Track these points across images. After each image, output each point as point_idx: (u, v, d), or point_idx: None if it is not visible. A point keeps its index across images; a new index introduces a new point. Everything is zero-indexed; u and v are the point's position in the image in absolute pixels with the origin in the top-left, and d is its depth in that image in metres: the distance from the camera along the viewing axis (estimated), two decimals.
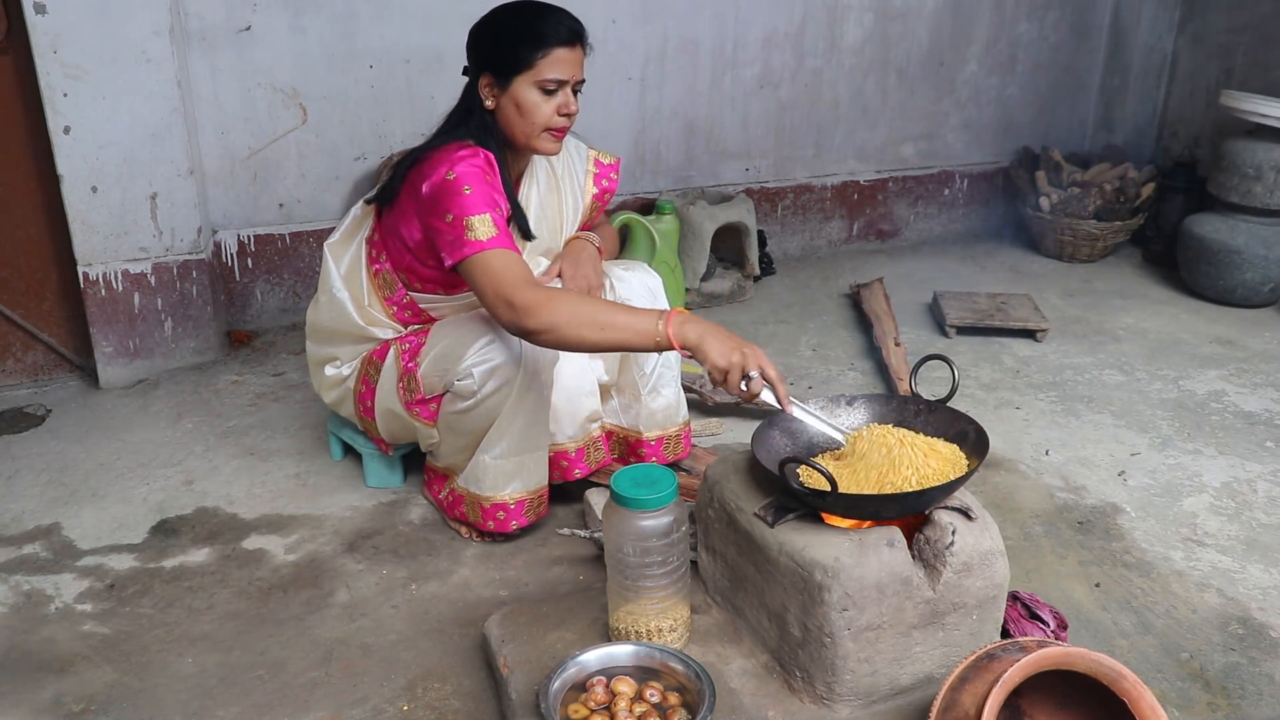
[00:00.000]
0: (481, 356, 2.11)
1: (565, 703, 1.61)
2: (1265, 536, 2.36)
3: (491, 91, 2.14)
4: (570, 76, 2.12)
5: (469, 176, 2.04)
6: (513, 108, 2.13)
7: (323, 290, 2.37)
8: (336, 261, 2.34)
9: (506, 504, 2.24)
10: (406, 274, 2.25)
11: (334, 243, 2.36)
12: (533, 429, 2.21)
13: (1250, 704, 1.84)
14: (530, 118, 2.12)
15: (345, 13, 3.36)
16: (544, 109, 2.11)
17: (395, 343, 2.30)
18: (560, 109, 2.13)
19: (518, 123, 2.14)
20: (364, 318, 2.32)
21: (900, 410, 1.91)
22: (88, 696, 1.88)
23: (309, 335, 2.47)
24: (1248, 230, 3.72)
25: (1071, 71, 4.63)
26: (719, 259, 3.93)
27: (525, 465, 2.24)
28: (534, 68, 2.09)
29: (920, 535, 1.69)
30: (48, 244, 3.09)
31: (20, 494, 2.56)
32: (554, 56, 2.09)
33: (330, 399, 2.48)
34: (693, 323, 1.86)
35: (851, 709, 1.67)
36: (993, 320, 3.50)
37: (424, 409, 2.25)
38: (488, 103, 2.15)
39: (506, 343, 2.10)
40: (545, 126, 2.14)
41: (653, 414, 2.45)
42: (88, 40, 2.85)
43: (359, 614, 2.10)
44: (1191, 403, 3.04)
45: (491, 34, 2.14)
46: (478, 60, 2.17)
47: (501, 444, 2.20)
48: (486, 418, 2.17)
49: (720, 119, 4.06)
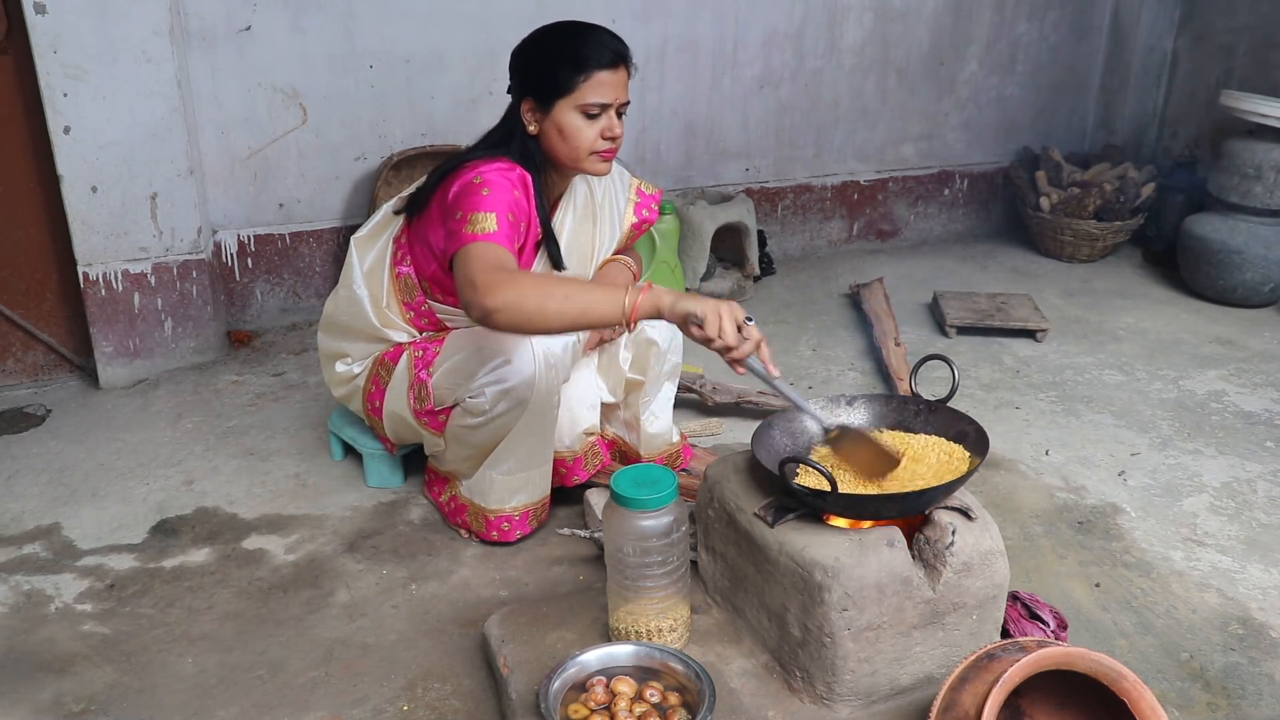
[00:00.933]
0: (495, 376, 2.08)
1: (565, 703, 1.61)
2: (1265, 536, 2.36)
3: (534, 116, 2.11)
4: (614, 100, 2.08)
5: (493, 183, 2.01)
6: (555, 132, 2.09)
7: (343, 284, 2.34)
8: (361, 257, 2.31)
9: (511, 516, 2.27)
10: (430, 283, 2.23)
11: (361, 237, 2.33)
12: (541, 446, 2.23)
13: (1250, 704, 1.84)
14: (573, 142, 2.09)
15: (345, 13, 3.36)
16: (587, 134, 2.08)
17: (409, 348, 2.28)
18: (604, 133, 2.09)
19: (561, 147, 2.11)
20: (380, 319, 2.30)
21: (900, 410, 1.91)
22: (88, 696, 1.88)
23: (322, 326, 2.45)
24: (1248, 230, 3.72)
25: (1071, 71, 4.63)
26: (719, 259, 3.93)
27: (531, 480, 2.26)
28: (576, 92, 2.05)
29: (920, 535, 1.69)
30: (48, 244, 3.09)
31: (20, 494, 2.56)
32: (596, 80, 2.05)
33: (339, 394, 2.48)
34: (665, 291, 1.79)
35: (851, 709, 1.67)
36: (993, 320, 3.50)
37: (432, 419, 2.24)
38: (530, 127, 2.12)
39: (521, 364, 2.07)
40: (590, 150, 2.10)
41: (651, 439, 2.49)
42: (88, 40, 2.85)
43: (359, 614, 2.10)
44: (1191, 403, 3.04)
45: (533, 58, 2.10)
46: (520, 84, 2.13)
47: (509, 461, 2.21)
48: (495, 435, 2.17)
49: (720, 119, 4.06)
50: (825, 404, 1.93)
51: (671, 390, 2.50)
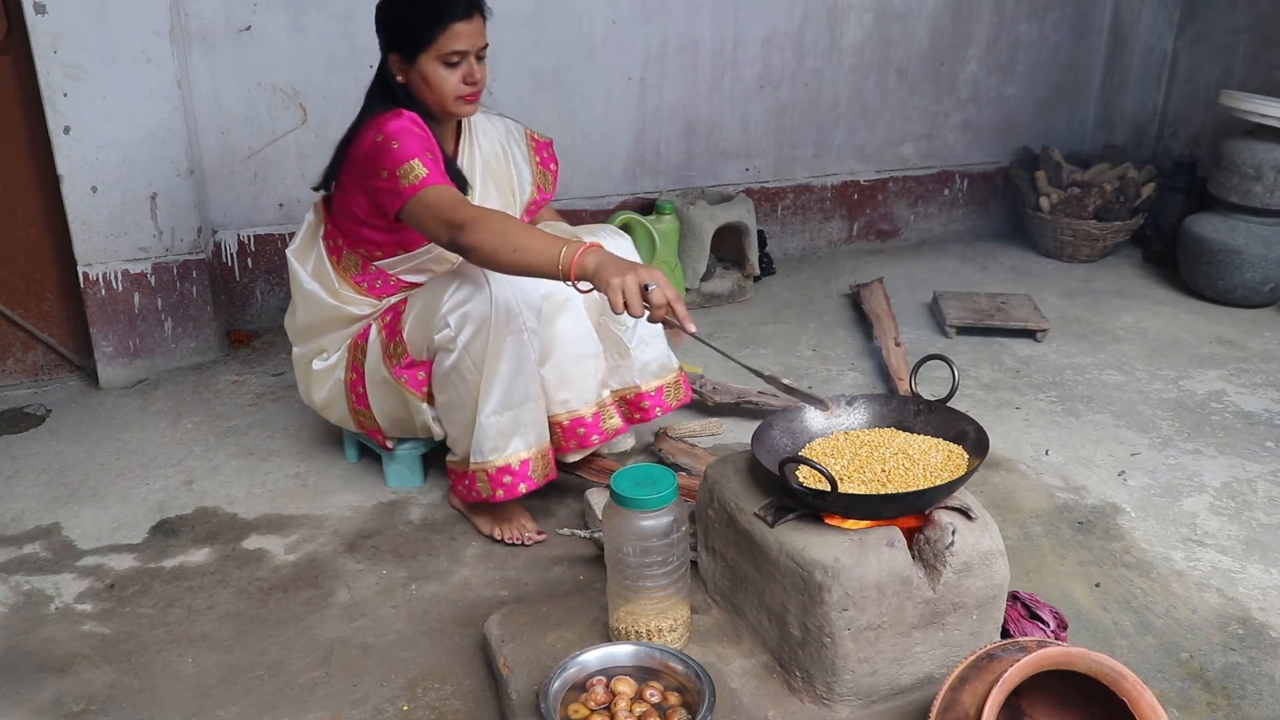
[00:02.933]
0: (453, 303, 2.17)
1: (565, 703, 1.62)
2: (1265, 536, 2.36)
3: (401, 68, 2.26)
4: (471, 47, 2.23)
5: (396, 133, 2.15)
6: (421, 82, 2.25)
7: (294, 293, 2.45)
8: (302, 264, 2.43)
9: (511, 466, 2.23)
10: (365, 247, 2.32)
11: (296, 249, 2.45)
12: (521, 376, 2.20)
13: (1250, 704, 1.84)
14: (439, 90, 2.24)
15: (345, 12, 3.35)
16: (450, 81, 2.24)
17: (376, 320, 2.35)
18: (465, 78, 2.24)
19: (429, 94, 2.26)
20: (338, 299, 2.39)
21: (900, 410, 1.91)
22: (88, 696, 1.88)
23: (293, 341, 2.53)
24: (1248, 230, 3.72)
25: (1071, 71, 4.63)
26: (719, 259, 3.93)
27: (521, 420, 2.23)
28: (435, 44, 2.20)
29: (920, 535, 1.69)
30: (48, 244, 3.09)
31: (20, 494, 2.56)
32: (453, 31, 2.20)
33: (320, 400, 2.48)
34: (594, 253, 1.90)
35: (851, 709, 1.67)
36: (993, 320, 3.50)
37: (412, 375, 2.29)
38: (399, 78, 2.27)
39: (475, 286, 2.16)
40: (455, 96, 2.25)
41: (645, 365, 2.47)
42: (88, 40, 2.85)
43: (359, 614, 2.10)
44: (1191, 403, 3.04)
45: (394, 13, 2.27)
46: (385, 39, 2.29)
47: (493, 398, 2.19)
48: (475, 369, 2.19)
49: (720, 119, 4.05)
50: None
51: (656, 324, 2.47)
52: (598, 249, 1.91)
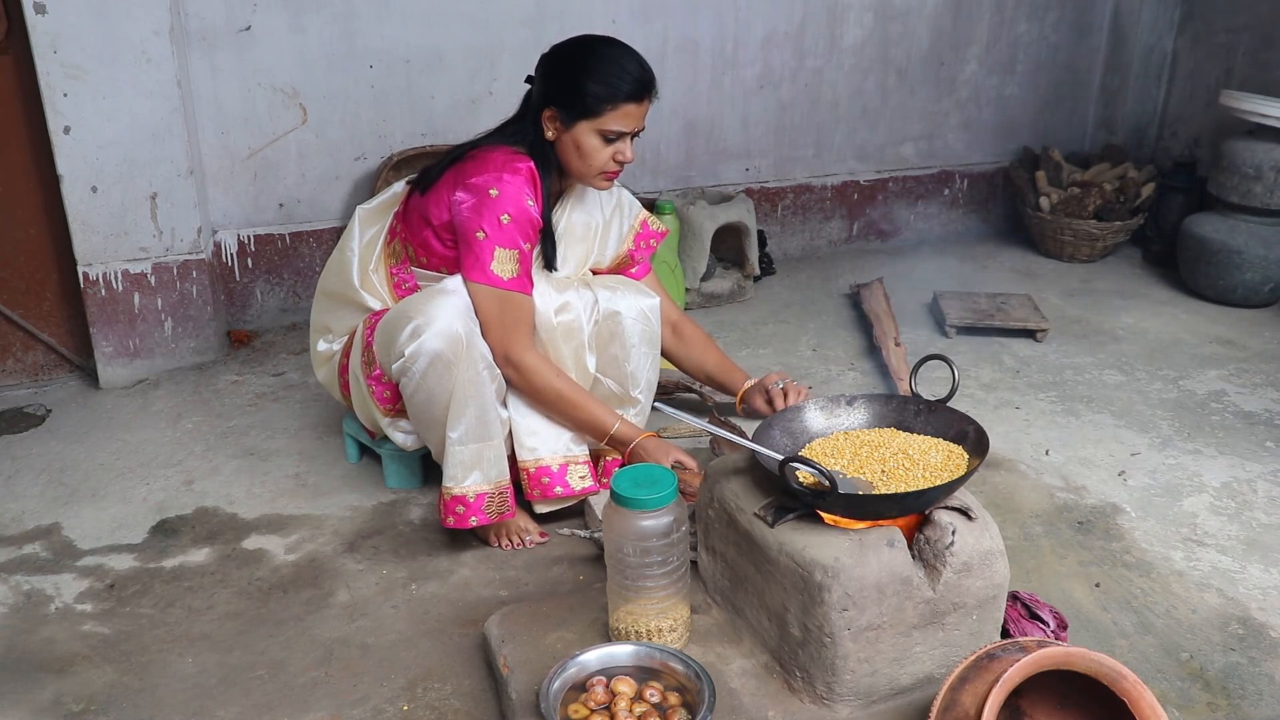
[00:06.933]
0: (410, 332, 2.09)
1: (565, 703, 1.62)
2: (1265, 536, 2.36)
3: (554, 125, 2.20)
4: (633, 128, 2.20)
5: (509, 200, 2.12)
6: (572, 146, 2.20)
7: (340, 248, 2.40)
8: (364, 227, 2.37)
9: (465, 498, 2.20)
10: (418, 248, 2.27)
11: (368, 209, 2.39)
12: (484, 416, 2.17)
13: (1250, 704, 1.84)
14: (588, 161, 2.20)
15: (345, 13, 3.36)
16: (601, 155, 2.20)
17: (365, 320, 2.33)
18: (616, 155, 2.21)
19: (574, 161, 2.22)
20: (362, 281, 2.34)
21: (900, 410, 1.91)
22: (88, 696, 1.88)
23: (315, 298, 2.50)
24: (1248, 230, 3.72)
25: (1071, 71, 4.63)
26: (719, 259, 3.93)
27: (483, 455, 2.20)
28: (601, 118, 2.16)
29: (920, 535, 1.69)
30: (48, 244, 3.09)
31: (20, 494, 2.56)
32: (623, 111, 2.16)
33: (322, 376, 2.51)
34: (636, 441, 2.21)
35: (851, 709, 1.67)
36: (993, 320, 3.50)
37: (379, 388, 2.27)
38: (549, 133, 2.21)
39: (435, 320, 2.08)
40: (600, 171, 2.22)
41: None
42: (88, 40, 2.85)
43: (359, 614, 2.10)
44: (1191, 403, 3.04)
45: (566, 72, 2.17)
46: (545, 91, 2.20)
47: (460, 426, 2.16)
48: (436, 401, 2.15)
49: (720, 119, 4.06)
50: (825, 404, 1.94)
51: (652, 359, 2.44)
52: (644, 441, 2.22)
